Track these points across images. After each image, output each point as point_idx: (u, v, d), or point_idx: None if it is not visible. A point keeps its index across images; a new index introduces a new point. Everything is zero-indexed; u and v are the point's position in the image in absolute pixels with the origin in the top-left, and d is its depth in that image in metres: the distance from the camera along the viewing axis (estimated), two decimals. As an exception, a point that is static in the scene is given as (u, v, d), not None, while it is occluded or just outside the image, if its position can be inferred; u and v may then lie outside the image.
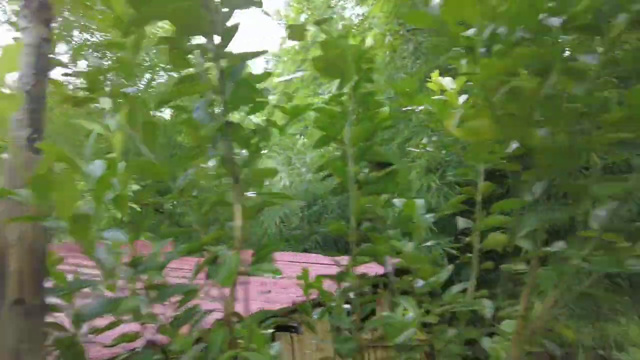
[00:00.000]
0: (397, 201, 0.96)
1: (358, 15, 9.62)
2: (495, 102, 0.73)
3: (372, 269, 1.33)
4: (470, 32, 0.77)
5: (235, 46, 0.95)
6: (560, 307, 0.82)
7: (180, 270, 3.08)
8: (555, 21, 0.75)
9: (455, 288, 1.05)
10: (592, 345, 14.12)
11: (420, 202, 0.92)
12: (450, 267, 1.07)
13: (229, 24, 0.92)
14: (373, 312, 1.16)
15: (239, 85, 0.95)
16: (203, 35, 0.84)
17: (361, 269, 1.12)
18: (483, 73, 0.69)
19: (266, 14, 0.87)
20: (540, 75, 0.74)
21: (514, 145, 0.77)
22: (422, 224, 0.89)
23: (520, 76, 0.71)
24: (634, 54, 0.74)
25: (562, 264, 0.77)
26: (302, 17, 9.91)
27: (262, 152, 1.16)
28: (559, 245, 0.89)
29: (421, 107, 1.25)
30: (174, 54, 0.93)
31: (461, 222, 1.07)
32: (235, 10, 0.87)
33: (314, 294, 1.22)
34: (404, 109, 1.60)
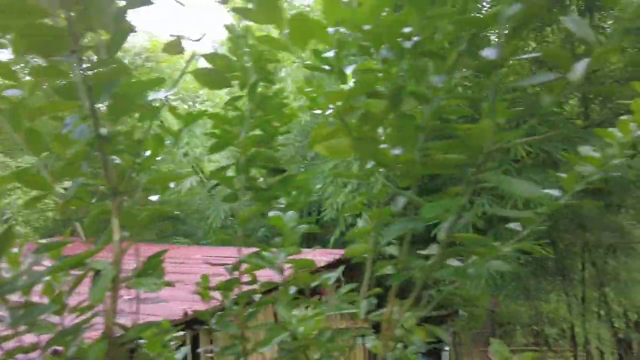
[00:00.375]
0: (272, 213, 0.99)
1: (306, 5, 9.60)
2: (350, 124, 0.77)
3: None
4: (329, 54, 0.81)
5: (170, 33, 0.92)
6: (418, 309, 0.88)
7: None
8: (409, 44, 0.79)
9: (344, 289, 1.10)
10: (528, 322, 15.17)
11: (289, 214, 0.96)
12: (340, 269, 1.13)
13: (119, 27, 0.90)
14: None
15: (117, 96, 0.93)
16: (63, 52, 0.82)
17: (261, 273, 1.15)
18: (328, 99, 0.73)
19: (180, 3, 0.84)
20: (392, 97, 0.78)
21: (371, 163, 0.81)
22: (291, 235, 0.93)
23: (369, 100, 0.75)
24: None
25: (412, 270, 0.83)
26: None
27: (158, 158, 1.16)
28: (432, 249, 0.96)
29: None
30: (44, 67, 0.90)
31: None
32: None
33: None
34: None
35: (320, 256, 4.85)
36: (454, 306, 15.20)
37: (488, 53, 0.67)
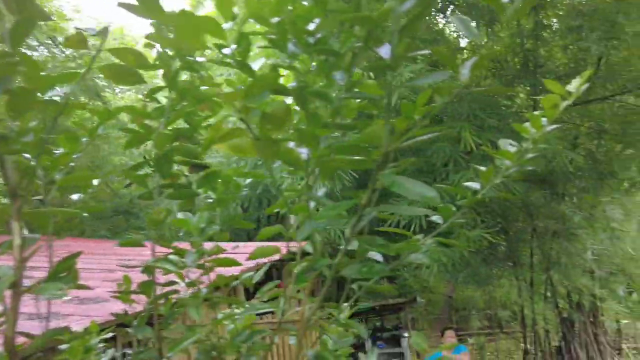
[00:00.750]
0: (181, 214, 0.96)
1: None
2: (253, 124, 0.75)
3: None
4: (227, 50, 0.78)
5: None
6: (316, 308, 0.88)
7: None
8: (312, 40, 0.78)
9: (267, 287, 1.09)
10: (482, 307, 15.82)
11: (197, 215, 0.93)
12: (265, 267, 1.11)
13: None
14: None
15: (14, 92, 0.87)
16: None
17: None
18: (225, 99, 0.71)
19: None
20: (297, 95, 0.77)
21: (278, 162, 0.80)
22: (200, 236, 0.90)
23: (272, 99, 0.74)
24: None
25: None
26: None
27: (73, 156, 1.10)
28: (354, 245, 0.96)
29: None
30: None
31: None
32: None
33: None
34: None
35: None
36: (412, 293, 15.63)
37: (383, 51, 0.66)
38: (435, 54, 0.62)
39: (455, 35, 8.25)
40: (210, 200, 1.15)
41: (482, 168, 1.11)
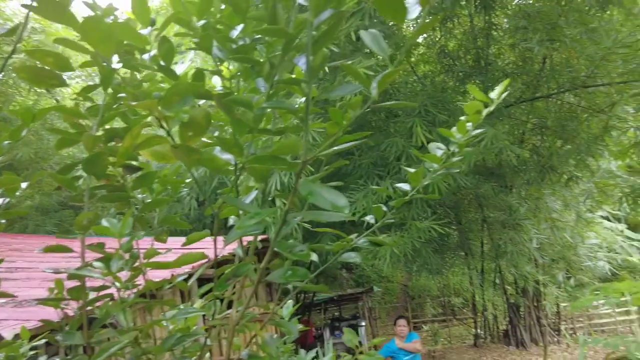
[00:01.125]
0: (105, 221, 0.95)
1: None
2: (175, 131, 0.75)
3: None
4: (146, 55, 0.78)
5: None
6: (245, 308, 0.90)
7: None
8: (233, 46, 0.79)
9: (202, 289, 1.09)
10: (437, 294, 16.37)
11: (119, 221, 0.92)
12: (201, 270, 1.12)
13: None
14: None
15: None
16: None
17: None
18: (140, 107, 0.70)
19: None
20: (221, 102, 0.78)
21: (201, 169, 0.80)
22: (127, 244, 0.90)
23: (193, 106, 0.74)
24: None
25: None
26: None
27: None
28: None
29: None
30: None
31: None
32: None
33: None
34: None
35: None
36: (370, 283, 15.94)
37: (300, 63, 0.68)
38: (345, 69, 0.64)
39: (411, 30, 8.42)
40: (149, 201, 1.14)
41: (410, 169, 1.15)
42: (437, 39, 8.33)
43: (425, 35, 8.51)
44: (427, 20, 0.65)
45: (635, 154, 6.96)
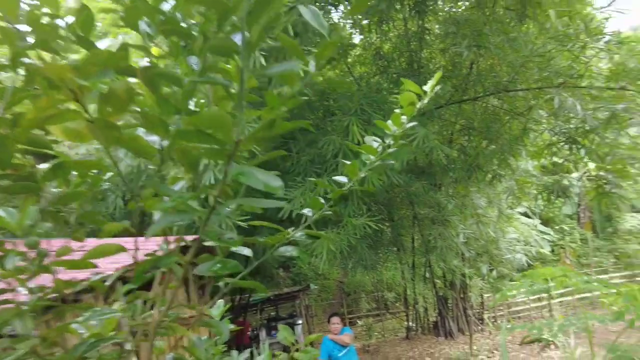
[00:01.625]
0: (0, 210, 0.83)
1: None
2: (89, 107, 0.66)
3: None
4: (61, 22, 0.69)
5: None
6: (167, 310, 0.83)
7: None
8: (161, 20, 0.72)
9: (124, 288, 1.00)
10: (371, 289, 16.81)
11: (17, 211, 0.81)
12: (121, 271, 1.02)
13: None
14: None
15: None
16: None
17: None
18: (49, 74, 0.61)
19: None
20: (145, 77, 0.70)
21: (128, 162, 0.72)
22: (26, 236, 0.79)
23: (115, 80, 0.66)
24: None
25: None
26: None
27: None
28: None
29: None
30: None
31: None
32: None
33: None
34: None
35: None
36: (307, 281, 16.01)
37: (237, 38, 0.63)
38: (283, 42, 0.60)
39: (349, 31, 8.56)
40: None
41: (347, 162, 1.14)
42: (372, 41, 8.54)
43: (361, 36, 8.70)
44: None
45: (548, 154, 7.62)
